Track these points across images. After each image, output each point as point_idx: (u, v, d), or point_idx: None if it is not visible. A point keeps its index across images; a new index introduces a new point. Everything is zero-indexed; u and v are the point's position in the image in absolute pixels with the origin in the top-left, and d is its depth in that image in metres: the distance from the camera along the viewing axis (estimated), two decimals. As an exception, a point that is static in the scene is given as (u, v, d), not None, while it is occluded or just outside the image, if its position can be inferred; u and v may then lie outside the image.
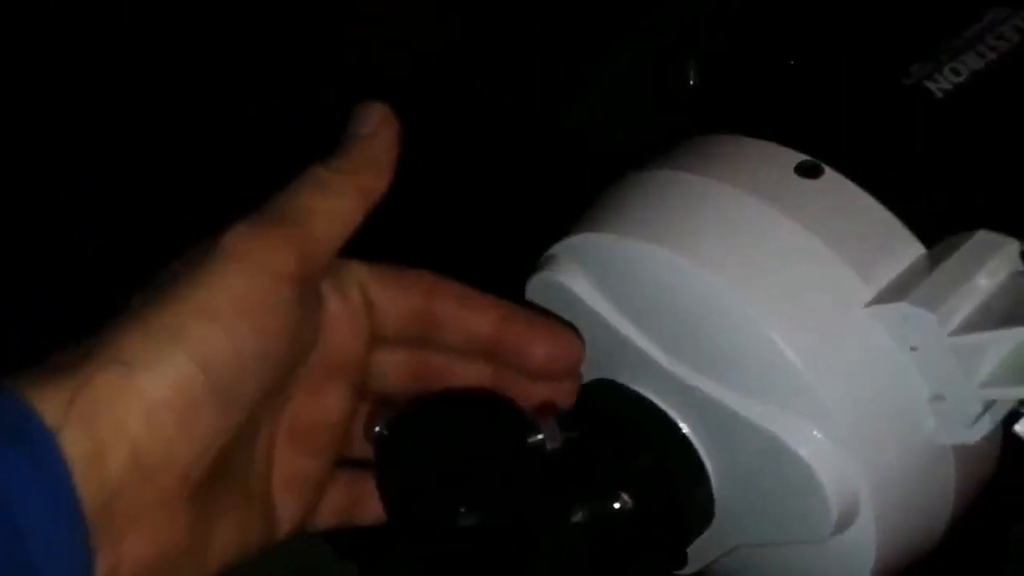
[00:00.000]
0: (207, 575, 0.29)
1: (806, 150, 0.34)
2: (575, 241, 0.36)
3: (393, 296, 0.33)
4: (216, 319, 0.28)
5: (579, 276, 0.35)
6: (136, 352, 0.27)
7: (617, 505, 0.33)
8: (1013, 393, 0.28)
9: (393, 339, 0.33)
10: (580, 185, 0.40)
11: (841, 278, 0.31)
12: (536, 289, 0.37)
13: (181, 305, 0.28)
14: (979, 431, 0.30)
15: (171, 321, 0.27)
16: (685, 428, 0.34)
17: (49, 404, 0.25)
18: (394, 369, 0.34)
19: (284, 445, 0.32)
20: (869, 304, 0.31)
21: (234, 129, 0.57)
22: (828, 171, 0.33)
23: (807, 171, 0.33)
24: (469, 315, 0.33)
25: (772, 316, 0.31)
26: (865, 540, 0.32)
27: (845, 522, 0.31)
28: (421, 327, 0.33)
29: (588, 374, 0.36)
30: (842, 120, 0.36)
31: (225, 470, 0.29)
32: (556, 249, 0.37)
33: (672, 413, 0.34)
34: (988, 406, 0.30)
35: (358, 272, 0.32)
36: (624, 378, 0.35)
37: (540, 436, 0.31)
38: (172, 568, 0.28)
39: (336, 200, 0.31)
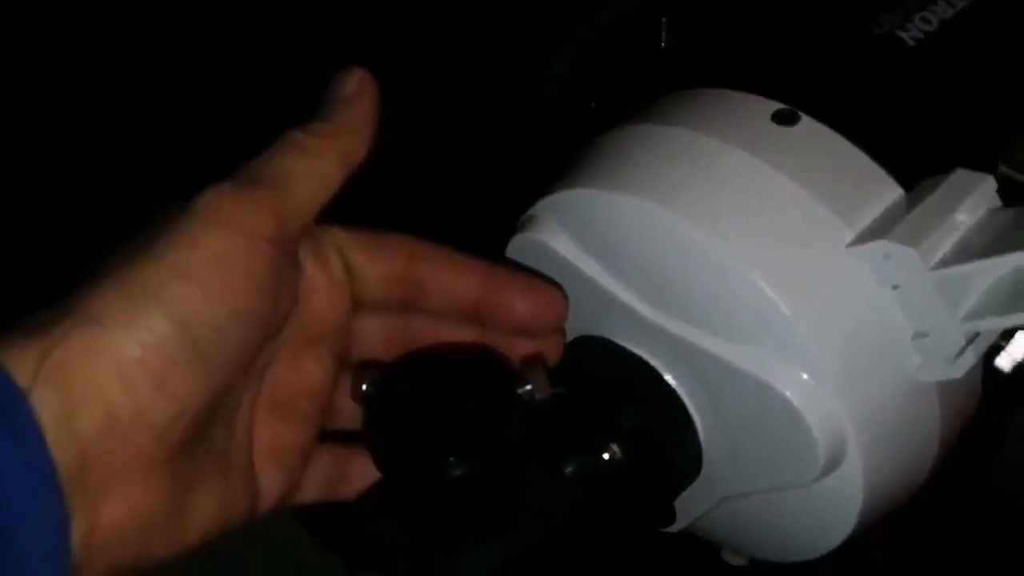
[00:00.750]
0: (187, 544, 0.29)
1: (782, 100, 0.34)
2: (555, 199, 0.36)
3: (373, 261, 0.33)
4: (192, 279, 0.27)
5: (561, 234, 0.35)
6: (111, 311, 0.26)
7: (607, 457, 0.33)
8: (995, 323, 0.29)
9: (375, 304, 0.33)
10: (554, 148, 0.40)
11: (822, 221, 0.31)
12: (517, 250, 0.37)
13: (157, 265, 0.27)
14: (962, 365, 0.30)
15: (147, 280, 0.27)
16: (672, 381, 0.34)
17: (20, 363, 0.25)
18: (376, 335, 0.34)
19: (265, 414, 0.31)
20: (850, 245, 0.31)
21: (233, 129, 0.56)
22: (804, 118, 0.33)
23: (784, 119, 0.33)
24: (451, 277, 0.33)
25: (756, 261, 0.31)
26: (852, 481, 0.32)
27: (833, 463, 0.32)
28: (403, 291, 0.33)
29: (573, 331, 0.36)
30: (816, 70, 0.36)
31: (204, 435, 0.29)
32: (536, 209, 0.37)
33: (658, 366, 0.34)
34: (971, 340, 0.30)
35: (337, 237, 0.32)
36: (610, 334, 0.35)
37: (528, 387, 0.31)
38: (150, 534, 0.28)
39: (316, 163, 0.30)
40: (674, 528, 0.39)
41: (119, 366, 0.26)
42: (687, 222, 0.32)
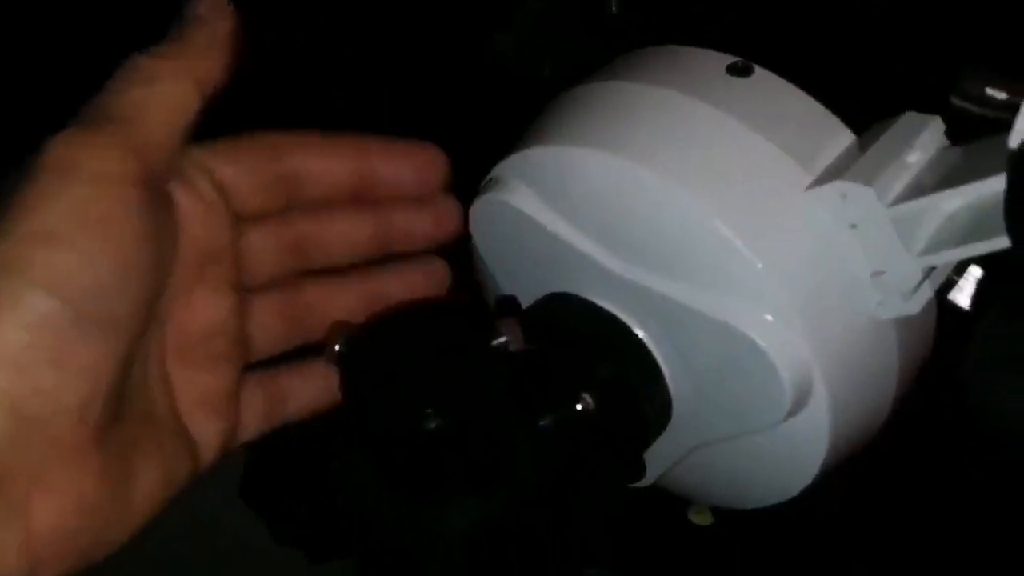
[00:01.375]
0: (139, 521, 0.28)
1: (735, 53, 0.35)
2: (518, 159, 0.36)
3: (242, 170, 0.31)
4: (61, 242, 0.25)
5: (525, 193, 0.36)
6: None
7: (580, 408, 0.34)
8: (950, 256, 0.30)
9: (257, 215, 0.31)
10: (510, 114, 0.40)
11: (781, 166, 0.32)
12: (480, 213, 0.37)
13: (19, 234, 0.25)
14: (919, 301, 0.31)
15: (12, 255, 0.25)
16: (640, 333, 0.35)
17: None
18: (268, 249, 0.32)
19: (178, 364, 0.30)
20: (809, 188, 0.32)
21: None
22: (758, 69, 0.34)
23: (738, 71, 0.34)
24: (323, 161, 0.32)
25: (718, 207, 0.32)
26: (818, 421, 0.33)
27: (799, 403, 0.32)
28: (282, 192, 0.31)
29: (542, 290, 0.37)
30: (764, 25, 0.37)
31: (124, 405, 0.27)
32: (499, 170, 0.37)
33: (627, 319, 0.35)
34: (927, 274, 0.31)
35: (199, 157, 0.30)
36: (578, 289, 0.36)
37: (503, 339, 0.31)
38: (97, 522, 0.26)
39: (167, 88, 0.28)
40: (643, 483, 0.40)
41: (10, 357, 0.24)
42: (650, 171, 0.32)
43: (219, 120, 0.30)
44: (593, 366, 0.34)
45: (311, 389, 0.34)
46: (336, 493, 0.33)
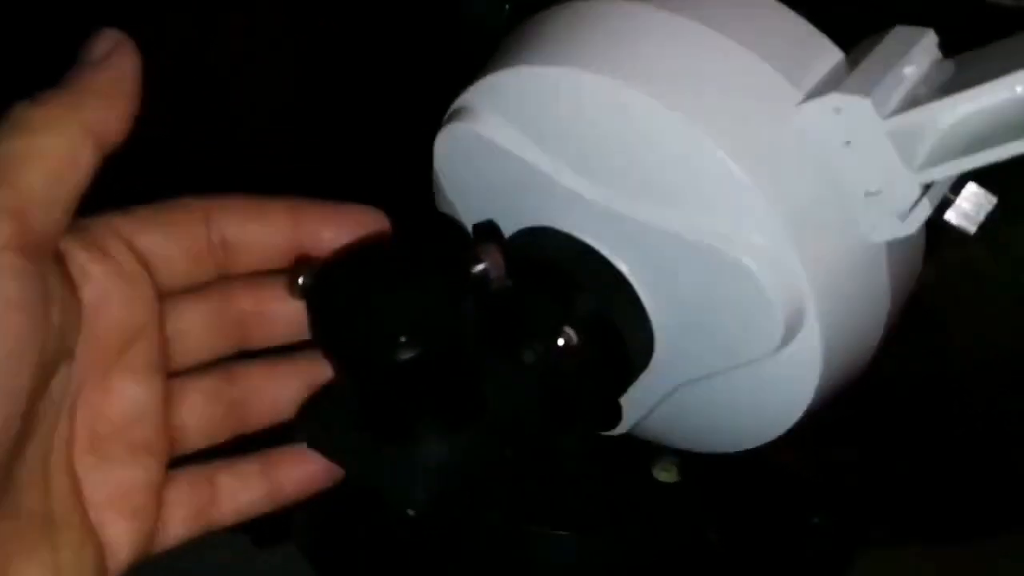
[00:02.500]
0: None
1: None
2: (486, 85, 0.34)
3: (167, 237, 0.28)
4: None
5: (496, 121, 0.34)
6: None
7: (563, 343, 0.32)
8: (950, 168, 0.28)
9: (186, 289, 0.29)
10: (469, 52, 0.38)
11: (770, 82, 0.31)
12: (446, 146, 0.35)
13: None
14: (916, 220, 0.30)
15: None
16: (620, 264, 0.33)
17: None
18: (200, 328, 0.30)
19: (90, 456, 0.27)
20: (802, 103, 0.30)
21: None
22: (742, -15, 0.33)
23: (720, -13, 0.33)
24: (258, 226, 0.29)
25: (705, 123, 0.30)
26: (810, 349, 0.32)
27: (792, 331, 0.31)
28: (211, 261, 0.29)
29: (516, 224, 0.35)
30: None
31: (6, 500, 0.24)
32: (464, 99, 0.35)
33: (605, 251, 0.33)
34: (924, 192, 0.30)
35: (116, 223, 0.28)
36: (553, 222, 0.34)
37: (483, 266, 0.29)
38: None
39: (53, 139, 0.25)
40: (618, 430, 0.38)
41: None
42: (631, 89, 0.31)
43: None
44: (574, 300, 0.33)
45: (249, 491, 0.31)
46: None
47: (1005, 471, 0.59)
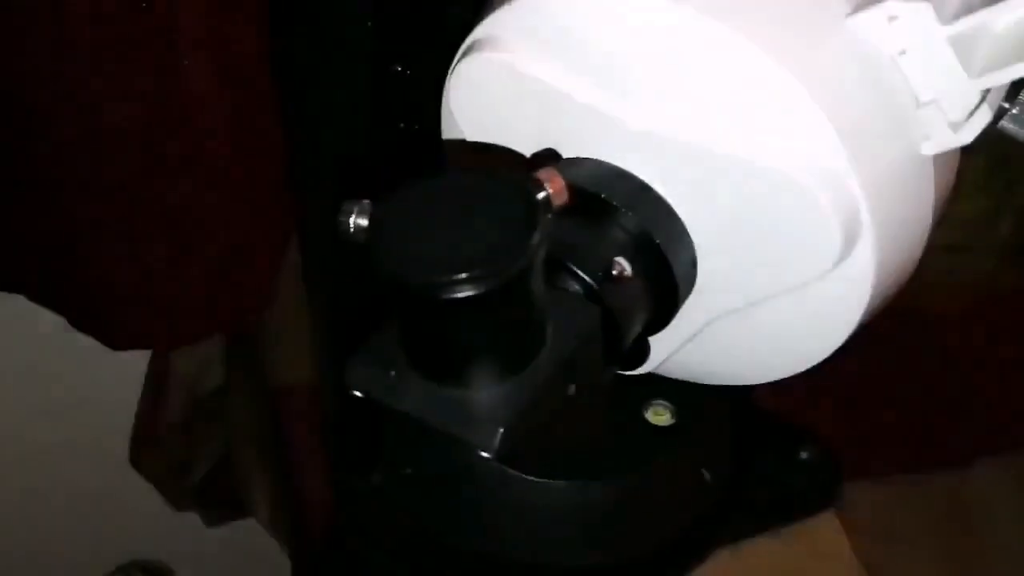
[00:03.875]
0: None
1: None
2: (508, 12, 0.32)
3: None
4: None
5: (522, 49, 0.32)
6: None
7: (616, 272, 0.31)
8: (1010, 74, 0.28)
9: None
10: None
11: (817, -7, 0.30)
12: (465, 80, 0.34)
13: None
14: (974, 128, 0.30)
15: None
16: (664, 191, 0.32)
17: None
18: None
19: None
20: (852, 14, 0.29)
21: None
22: None
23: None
24: None
25: (753, 35, 0.29)
26: (862, 268, 0.31)
27: (848, 249, 0.30)
28: None
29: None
30: None
31: None
32: (484, 30, 0.33)
33: (647, 177, 0.32)
34: (983, 98, 0.29)
35: None
36: (592, 152, 0.33)
37: (546, 192, 0.28)
38: None
39: None
40: (647, 367, 0.37)
41: None
42: (674, 3, 0.29)
43: None
44: (621, 230, 0.31)
45: None
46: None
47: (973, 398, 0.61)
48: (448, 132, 0.36)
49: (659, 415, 0.50)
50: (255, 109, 0.52)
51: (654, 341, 0.36)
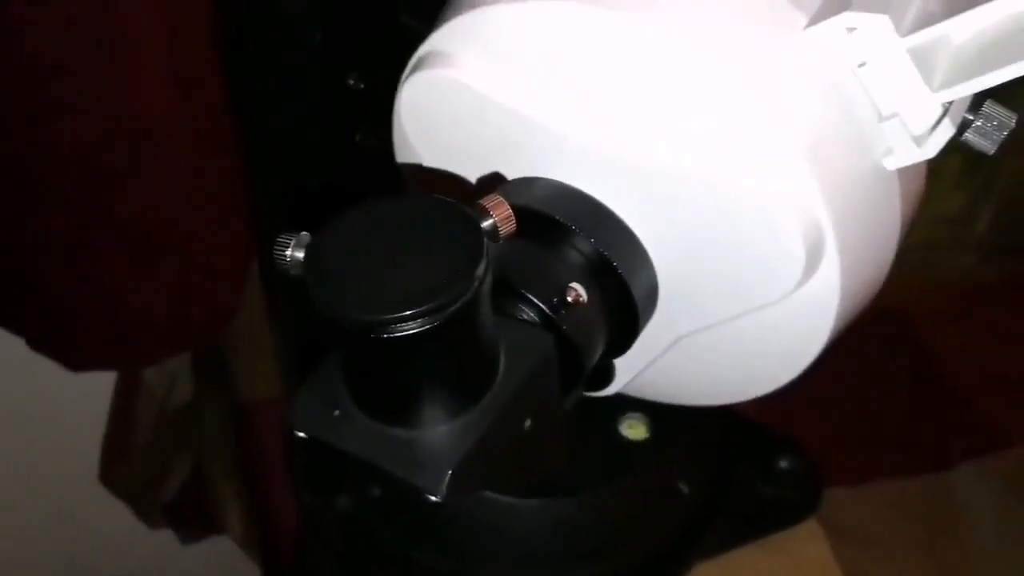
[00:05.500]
0: None
1: None
2: (458, 26, 0.31)
3: None
4: None
5: (472, 65, 0.31)
6: None
7: (570, 298, 0.29)
8: (972, 86, 0.27)
9: None
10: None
11: (772, 7, 0.29)
12: (413, 96, 0.32)
13: None
14: (937, 142, 0.29)
15: None
16: (621, 212, 0.31)
17: None
18: None
19: None
20: (808, 27, 0.28)
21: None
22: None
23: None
24: None
25: (709, 53, 0.28)
26: (828, 288, 0.30)
27: (812, 268, 0.29)
28: None
29: (506, 173, 0.32)
30: None
31: None
32: (432, 44, 0.32)
33: (602, 197, 0.31)
34: (945, 112, 0.28)
35: None
36: (542, 171, 0.31)
37: (492, 220, 0.26)
38: None
39: None
40: (612, 388, 0.36)
41: None
42: (628, 19, 0.28)
43: None
44: (576, 253, 0.30)
45: None
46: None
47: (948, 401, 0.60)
48: (400, 148, 0.35)
49: (634, 428, 0.49)
50: (213, 123, 0.50)
51: (618, 362, 0.35)
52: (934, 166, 0.31)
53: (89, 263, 0.55)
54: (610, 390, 0.36)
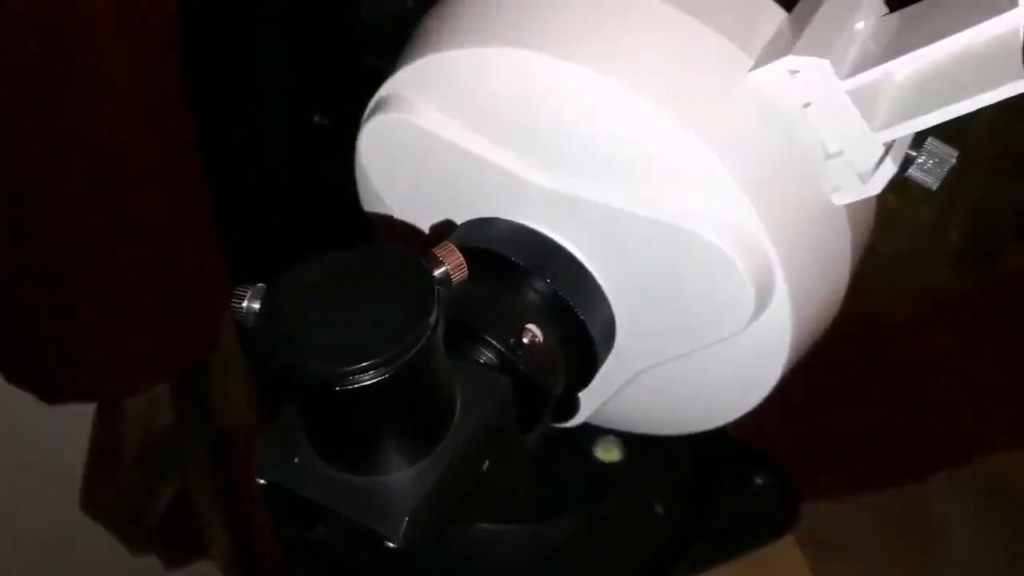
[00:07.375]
0: None
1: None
2: (412, 72, 0.32)
3: None
4: None
5: (427, 108, 0.31)
6: None
7: (527, 339, 0.30)
8: (910, 126, 0.27)
9: None
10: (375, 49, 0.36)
11: (719, 49, 0.29)
12: (372, 139, 0.33)
13: None
14: (880, 180, 0.29)
15: None
16: (576, 252, 0.31)
17: None
18: None
19: None
20: (753, 69, 0.29)
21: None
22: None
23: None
24: None
25: (656, 96, 0.28)
26: (780, 321, 0.31)
27: (763, 303, 0.30)
28: None
29: (458, 216, 0.32)
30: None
31: None
32: (389, 88, 0.32)
33: (558, 237, 0.31)
34: (887, 150, 0.29)
35: None
36: (496, 211, 0.32)
37: (444, 268, 0.27)
38: None
39: None
40: (577, 419, 0.37)
41: None
42: (575, 65, 0.29)
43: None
44: (532, 294, 0.31)
45: None
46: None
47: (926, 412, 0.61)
48: (362, 188, 0.35)
49: (608, 451, 0.49)
50: (183, 158, 0.51)
51: (582, 394, 0.35)
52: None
53: (63, 297, 0.55)
54: (575, 421, 0.37)
